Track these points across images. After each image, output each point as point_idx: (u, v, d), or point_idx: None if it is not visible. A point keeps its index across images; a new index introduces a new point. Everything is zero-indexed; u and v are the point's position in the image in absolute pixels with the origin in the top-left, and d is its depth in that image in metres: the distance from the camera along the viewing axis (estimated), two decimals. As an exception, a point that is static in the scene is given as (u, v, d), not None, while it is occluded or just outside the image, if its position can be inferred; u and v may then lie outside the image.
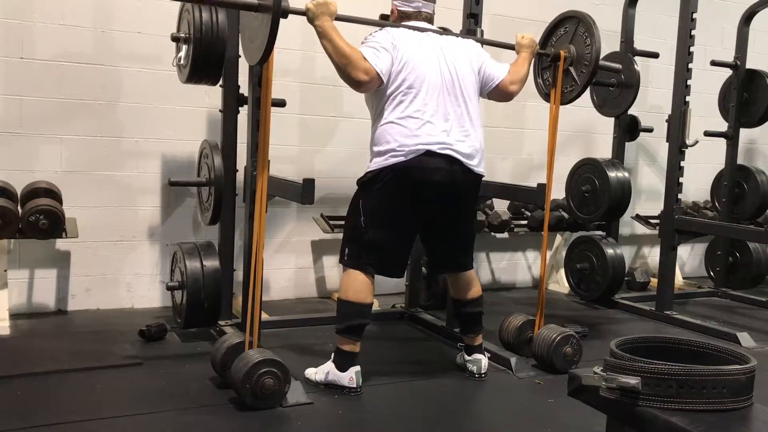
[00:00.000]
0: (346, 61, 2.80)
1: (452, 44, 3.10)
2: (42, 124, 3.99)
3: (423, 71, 2.95)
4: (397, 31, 3.00)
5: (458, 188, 3.05)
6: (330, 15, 2.80)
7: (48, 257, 4.09)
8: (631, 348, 1.67)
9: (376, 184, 2.98)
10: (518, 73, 3.25)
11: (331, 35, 2.79)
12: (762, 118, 5.34)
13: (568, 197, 4.94)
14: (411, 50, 2.95)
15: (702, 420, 1.46)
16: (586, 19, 3.39)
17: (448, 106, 2.99)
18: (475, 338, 3.32)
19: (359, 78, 2.84)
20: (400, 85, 2.92)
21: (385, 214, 3.01)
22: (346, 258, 3.08)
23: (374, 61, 2.86)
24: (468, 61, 3.10)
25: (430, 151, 2.92)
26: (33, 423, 2.57)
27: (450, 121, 2.99)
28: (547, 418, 2.86)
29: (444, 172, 2.96)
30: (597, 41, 3.30)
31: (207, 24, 3.27)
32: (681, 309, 4.75)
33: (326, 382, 3.04)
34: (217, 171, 3.57)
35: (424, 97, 2.94)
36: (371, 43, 2.93)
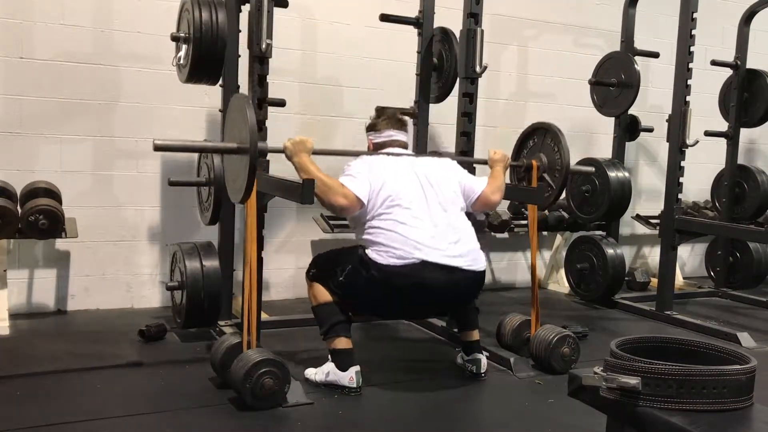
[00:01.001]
0: (325, 189, 2.91)
1: (428, 163, 3.22)
2: (42, 124, 3.99)
3: (402, 188, 3.03)
4: (373, 158, 3.15)
5: (462, 291, 3.10)
6: (307, 151, 2.95)
7: (47, 257, 4.09)
8: (631, 348, 1.67)
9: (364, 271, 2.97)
10: (497, 184, 3.36)
11: (309, 169, 2.91)
12: (762, 117, 5.34)
13: (568, 197, 4.94)
14: (388, 171, 3.06)
15: (702, 420, 1.45)
16: (552, 130, 3.54)
17: (434, 214, 3.04)
18: (471, 333, 3.32)
19: (339, 203, 2.93)
20: (382, 203, 2.99)
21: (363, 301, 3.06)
22: (311, 275, 3.13)
23: (352, 186, 2.97)
24: (446, 176, 3.19)
25: (426, 262, 2.93)
26: (33, 423, 2.56)
27: (439, 227, 3.02)
28: (547, 418, 2.86)
29: (442, 282, 2.97)
30: (565, 149, 3.44)
31: (207, 24, 3.27)
32: (681, 309, 4.75)
33: (326, 382, 3.04)
34: (216, 171, 3.57)
35: (408, 207, 2.99)
36: (348, 172, 3.05)
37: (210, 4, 3.31)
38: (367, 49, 4.70)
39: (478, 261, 3.09)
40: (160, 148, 2.64)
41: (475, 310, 3.36)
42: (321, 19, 4.60)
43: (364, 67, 4.71)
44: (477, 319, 3.36)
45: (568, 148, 3.45)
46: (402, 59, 4.62)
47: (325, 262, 3.17)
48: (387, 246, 2.94)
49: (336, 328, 3.04)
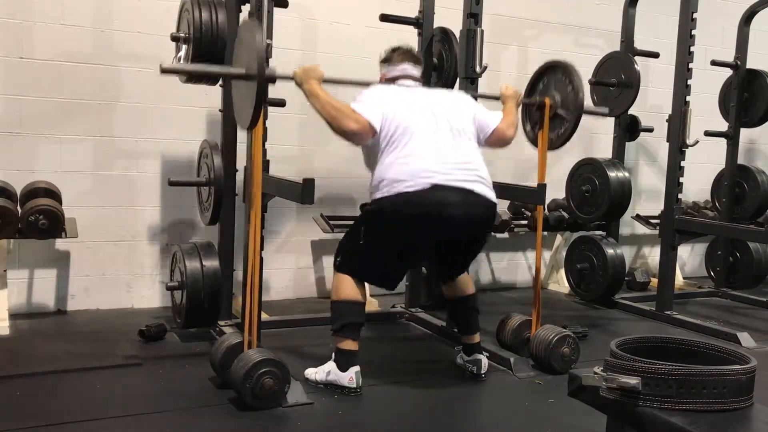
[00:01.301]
0: (336, 113, 2.86)
1: (441, 96, 3.18)
2: (42, 124, 3.99)
3: (414, 119, 2.97)
4: (386, 87, 3.11)
5: (474, 220, 3.03)
6: (317, 78, 2.90)
7: (48, 257, 4.09)
8: (631, 348, 1.67)
9: (380, 218, 2.97)
10: (511, 120, 3.30)
11: (319, 94, 2.88)
12: (762, 117, 5.34)
13: (568, 197, 4.94)
14: (400, 101, 3.01)
15: (702, 420, 1.45)
16: (564, 66, 3.45)
17: (447, 144, 2.99)
18: (472, 337, 3.32)
19: (351, 127, 2.87)
20: (393, 133, 2.93)
21: (386, 247, 3.02)
22: (339, 265, 3.11)
23: (364, 112, 2.90)
24: (459, 109, 3.14)
25: (438, 185, 2.88)
26: (33, 423, 2.56)
27: (452, 156, 2.97)
28: (547, 418, 2.86)
29: (457, 207, 2.92)
30: (579, 87, 3.35)
31: (207, 24, 3.28)
32: (681, 309, 4.75)
33: (326, 381, 3.04)
34: (216, 171, 3.57)
35: (419, 139, 2.94)
36: (360, 99, 2.99)
37: (210, 4, 3.31)
38: (367, 49, 4.68)
39: (489, 190, 3.03)
40: (167, 70, 2.69)
41: (475, 313, 3.35)
42: (321, 19, 4.60)
43: (364, 67, 4.68)
44: (478, 323, 3.36)
45: (581, 85, 3.34)
46: (402, 59, 4.62)
47: (346, 242, 3.15)
48: (397, 180, 2.87)
49: (347, 328, 3.02)
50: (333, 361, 3.06)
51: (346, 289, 3.04)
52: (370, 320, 4.04)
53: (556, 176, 5.17)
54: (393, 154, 2.92)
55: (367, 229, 3.03)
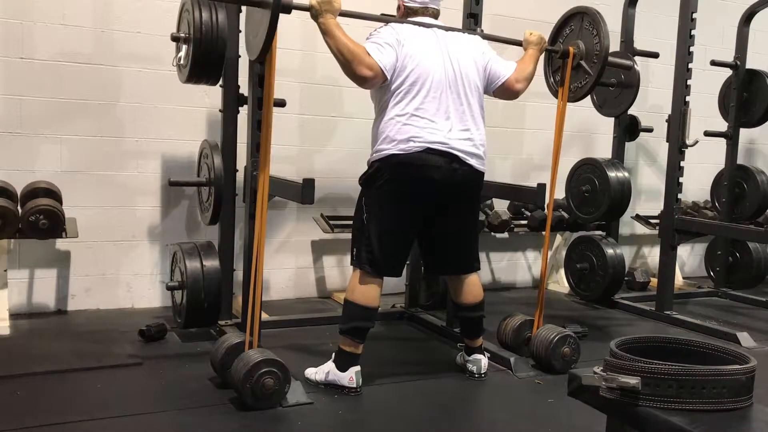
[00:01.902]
0: (350, 57, 2.79)
1: (458, 41, 3.09)
2: (42, 124, 3.99)
3: (427, 68, 2.94)
4: (402, 27, 2.99)
5: (458, 186, 3.04)
6: (333, 12, 2.80)
7: (48, 257, 4.09)
8: (631, 348, 1.67)
9: (378, 180, 2.98)
10: (524, 71, 3.23)
11: (335, 32, 2.79)
12: (762, 118, 5.34)
13: (568, 197, 4.94)
14: (415, 47, 2.94)
15: (702, 420, 1.45)
16: (592, 13, 3.36)
17: (451, 103, 2.98)
18: (475, 341, 3.32)
19: (363, 74, 2.83)
20: (403, 82, 2.92)
21: (385, 210, 3.00)
22: (355, 259, 3.08)
23: (378, 57, 2.85)
24: (473, 59, 3.09)
25: (430, 149, 2.92)
26: (33, 423, 2.57)
27: (451, 118, 2.98)
28: (547, 418, 2.86)
29: (443, 170, 2.96)
30: (605, 34, 3.26)
31: (207, 24, 3.27)
32: (681, 309, 4.75)
33: (326, 381, 3.04)
34: (217, 171, 3.57)
35: (426, 94, 2.93)
36: (375, 39, 2.92)
37: (210, 4, 3.31)
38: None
39: (480, 160, 3.06)
40: None
41: (482, 320, 3.32)
42: (321, 19, 4.60)
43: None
44: (483, 328, 3.33)
45: (608, 33, 3.24)
46: (402, 59, 4.62)
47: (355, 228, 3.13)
48: (395, 140, 2.90)
49: (356, 331, 3.01)
50: (332, 361, 3.06)
51: (362, 292, 3.03)
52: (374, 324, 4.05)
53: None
54: (399, 107, 2.92)
55: (368, 199, 3.03)
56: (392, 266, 3.11)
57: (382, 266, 3.05)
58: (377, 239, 3.01)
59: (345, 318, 3.06)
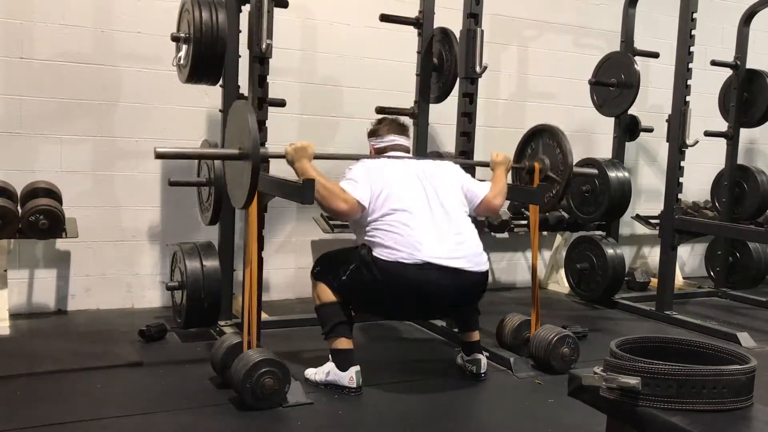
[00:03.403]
0: (326, 193, 2.92)
1: (431, 166, 3.24)
2: (42, 124, 3.99)
3: (405, 189, 3.04)
4: (373, 161, 3.17)
5: (463, 291, 3.07)
6: (308, 157, 2.95)
7: (48, 257, 4.09)
8: (631, 348, 1.67)
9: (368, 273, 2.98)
10: (499, 188, 3.37)
11: (311, 174, 2.90)
12: (762, 118, 5.34)
13: (568, 197, 4.94)
14: (389, 174, 3.08)
15: (702, 420, 1.45)
16: (552, 130, 3.55)
17: (436, 216, 3.04)
18: (472, 334, 3.33)
19: (340, 207, 2.95)
20: (382, 206, 3.00)
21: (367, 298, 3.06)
22: (316, 272, 3.16)
23: (352, 191, 2.98)
24: (449, 179, 3.21)
25: (429, 263, 2.93)
26: (33, 423, 2.57)
27: (441, 229, 3.02)
28: (547, 418, 2.86)
29: (445, 284, 2.97)
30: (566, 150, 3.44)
31: (207, 24, 3.27)
32: (681, 309, 4.75)
33: (326, 382, 3.04)
34: (217, 171, 3.57)
35: (410, 211, 2.99)
36: (349, 176, 3.07)
37: (210, 4, 3.31)
38: (367, 49, 4.70)
39: (481, 263, 3.08)
40: (161, 155, 2.67)
41: (476, 312, 3.36)
42: (321, 19, 4.60)
43: (364, 67, 4.70)
44: (478, 321, 3.36)
45: (570, 149, 3.45)
46: (402, 59, 4.62)
47: (330, 261, 3.18)
48: (389, 248, 2.94)
49: (337, 328, 3.04)
50: (332, 361, 3.06)
51: (326, 293, 3.08)
52: (371, 320, 4.05)
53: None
54: (386, 224, 2.97)
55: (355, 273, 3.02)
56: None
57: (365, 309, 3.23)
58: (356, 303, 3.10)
59: (322, 322, 3.10)
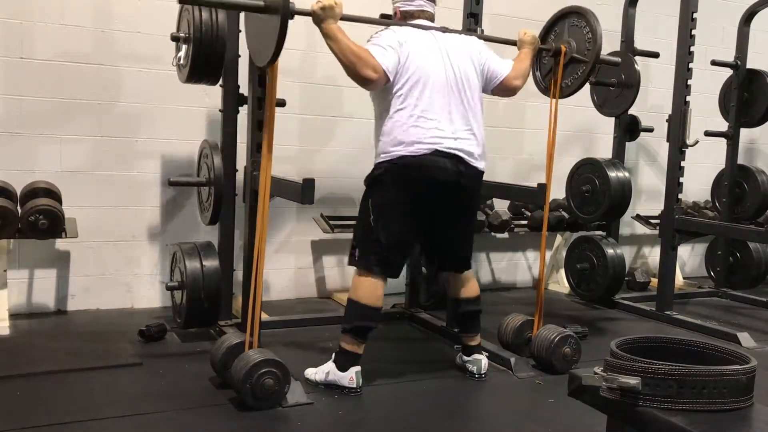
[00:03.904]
0: (354, 59, 2.83)
1: (456, 42, 3.13)
2: (42, 124, 3.99)
3: (428, 70, 2.98)
4: (402, 30, 3.04)
5: (463, 186, 3.08)
6: (335, 17, 2.83)
7: (48, 257, 4.09)
8: (631, 348, 1.67)
9: (385, 180, 3.01)
10: (521, 69, 3.29)
11: (338, 36, 2.82)
12: (762, 118, 5.34)
13: (568, 197, 4.94)
14: (416, 49, 2.99)
15: (702, 420, 1.45)
16: (584, 12, 3.43)
17: (453, 104, 3.02)
18: (473, 338, 3.33)
19: (368, 75, 2.86)
20: (405, 83, 2.95)
21: (393, 210, 3.02)
22: (357, 258, 3.08)
23: (381, 59, 2.88)
24: (471, 59, 3.13)
25: (438, 151, 2.97)
26: (33, 423, 2.57)
27: (454, 119, 3.02)
28: (548, 418, 2.86)
29: (450, 172, 3.00)
30: (597, 33, 3.34)
31: (207, 24, 3.27)
32: (681, 309, 4.75)
33: (326, 381, 3.04)
34: (217, 171, 3.57)
35: (429, 95, 2.97)
36: (377, 42, 2.96)
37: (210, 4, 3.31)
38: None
39: (481, 160, 3.12)
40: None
41: (479, 315, 3.35)
42: (321, 19, 4.60)
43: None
44: (480, 325, 3.36)
45: (601, 34, 3.32)
46: (402, 59, 4.62)
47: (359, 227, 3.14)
48: (403, 142, 2.94)
49: (359, 330, 3.02)
50: (332, 361, 3.06)
51: (365, 291, 3.04)
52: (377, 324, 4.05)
53: (555, 176, 5.16)
54: (405, 108, 2.95)
55: (375, 200, 3.04)
56: (398, 267, 3.17)
57: (390, 267, 3.09)
58: (386, 240, 3.02)
59: (348, 317, 3.06)
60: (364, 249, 3.07)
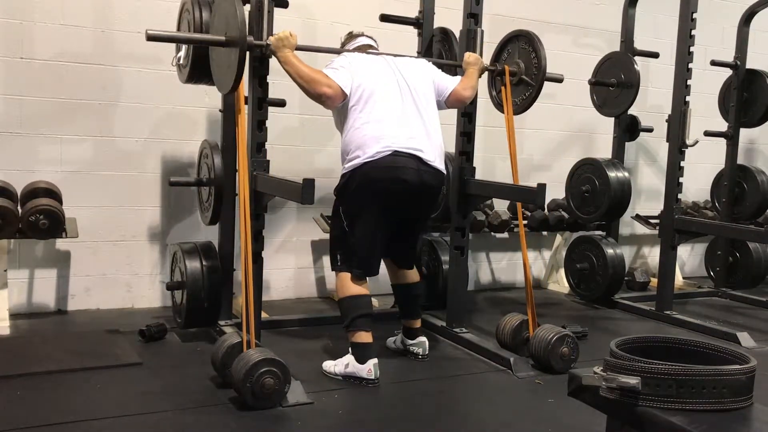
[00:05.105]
0: (309, 78, 3.05)
1: (406, 61, 3.37)
2: (42, 124, 3.99)
3: (380, 83, 3.18)
4: (353, 54, 3.31)
5: (426, 184, 3.21)
6: (290, 47, 3.07)
7: (48, 257, 4.09)
8: (631, 348, 1.67)
9: (351, 186, 3.16)
10: (469, 82, 3.51)
11: (293, 62, 3.06)
12: (762, 118, 5.34)
13: (568, 197, 4.94)
14: (367, 66, 3.21)
15: (702, 420, 1.45)
16: (530, 36, 3.68)
17: (407, 111, 3.21)
18: (416, 321, 3.50)
19: (324, 92, 3.06)
20: (360, 98, 3.14)
21: (363, 214, 3.17)
22: (339, 264, 3.25)
23: (335, 77, 3.10)
24: (422, 74, 3.35)
25: (396, 151, 3.11)
26: (33, 423, 2.57)
27: (410, 124, 3.19)
28: (547, 418, 2.86)
29: (410, 171, 3.14)
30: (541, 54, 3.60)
31: (207, 24, 3.27)
32: (681, 309, 4.75)
33: (345, 374, 3.11)
34: (217, 171, 3.57)
35: (383, 105, 3.16)
36: (331, 65, 3.20)
37: (210, 4, 3.31)
38: (367, 49, 4.69)
39: (440, 161, 3.25)
40: (153, 37, 2.86)
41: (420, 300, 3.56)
42: (321, 18, 4.61)
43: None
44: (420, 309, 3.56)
45: (545, 54, 3.59)
46: (402, 59, 4.62)
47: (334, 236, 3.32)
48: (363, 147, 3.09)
49: (357, 321, 3.13)
50: (351, 354, 3.13)
51: (348, 286, 3.18)
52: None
53: (555, 176, 5.18)
54: (361, 118, 3.13)
55: (345, 207, 3.20)
56: (376, 266, 3.33)
57: (369, 266, 3.25)
58: (361, 242, 3.18)
59: (344, 314, 3.19)
60: (344, 255, 3.23)
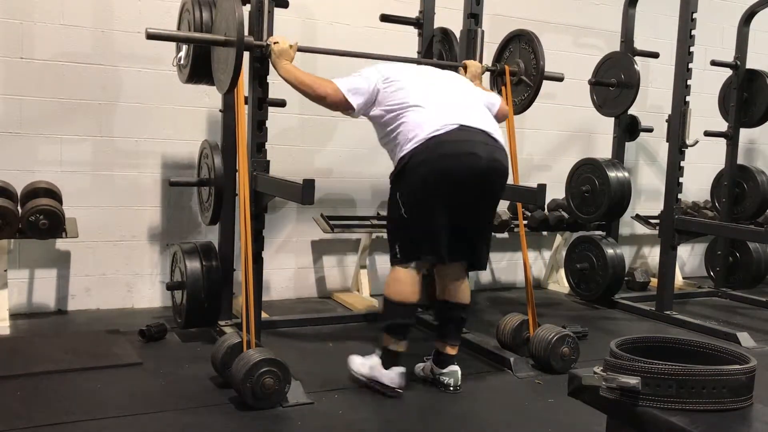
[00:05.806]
0: (310, 81, 3.01)
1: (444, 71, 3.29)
2: (42, 124, 3.99)
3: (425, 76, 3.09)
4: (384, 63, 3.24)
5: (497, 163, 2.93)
6: (290, 59, 3.06)
7: (48, 257, 4.09)
8: (631, 348, 1.67)
9: (413, 165, 2.86)
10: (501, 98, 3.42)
11: (293, 72, 3.03)
12: (762, 118, 5.34)
13: (568, 197, 4.94)
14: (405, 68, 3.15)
15: (702, 420, 1.45)
16: (528, 35, 3.71)
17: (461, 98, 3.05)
18: (454, 347, 3.15)
19: (325, 93, 3.00)
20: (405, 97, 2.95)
21: (424, 197, 2.88)
22: (398, 256, 2.97)
23: (341, 82, 3.00)
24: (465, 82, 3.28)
25: (465, 126, 2.89)
26: (33, 423, 2.57)
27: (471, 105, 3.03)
28: (547, 418, 2.86)
29: (483, 146, 2.88)
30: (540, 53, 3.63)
31: (207, 24, 3.27)
32: (681, 309, 4.75)
33: (369, 376, 3.02)
34: (217, 171, 3.57)
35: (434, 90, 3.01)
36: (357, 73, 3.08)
37: (210, 4, 3.31)
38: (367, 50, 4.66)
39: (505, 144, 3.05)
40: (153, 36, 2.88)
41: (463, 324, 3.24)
42: (321, 19, 4.61)
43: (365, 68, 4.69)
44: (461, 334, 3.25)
45: (543, 54, 3.62)
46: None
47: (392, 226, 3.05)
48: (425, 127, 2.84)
49: (396, 328, 2.99)
50: (378, 356, 3.03)
51: (399, 288, 2.97)
52: (370, 320, 4.05)
53: (555, 176, 5.17)
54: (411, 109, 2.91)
55: (404, 191, 2.92)
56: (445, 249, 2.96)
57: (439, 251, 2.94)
58: (424, 227, 2.90)
59: (384, 314, 3.05)
60: (403, 246, 2.95)
